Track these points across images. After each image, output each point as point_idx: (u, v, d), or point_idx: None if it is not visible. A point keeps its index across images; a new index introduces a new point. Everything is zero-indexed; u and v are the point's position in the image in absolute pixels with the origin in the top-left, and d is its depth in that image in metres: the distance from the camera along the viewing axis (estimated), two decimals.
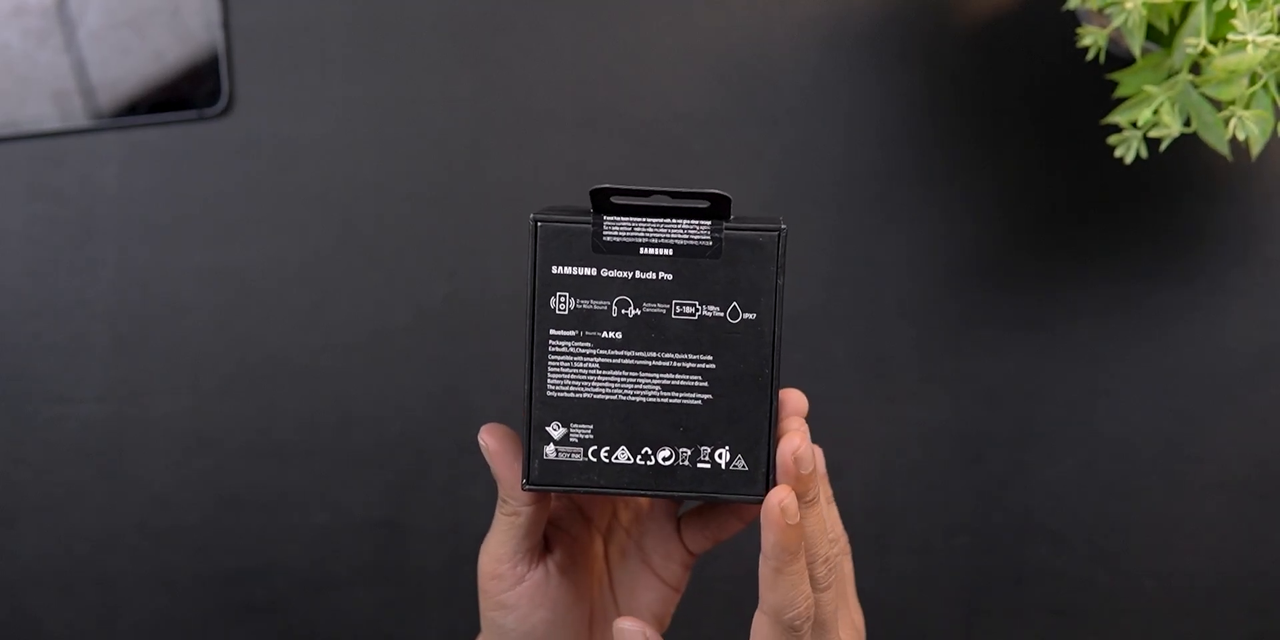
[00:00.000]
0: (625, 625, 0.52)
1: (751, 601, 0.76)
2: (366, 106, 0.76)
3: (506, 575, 0.54)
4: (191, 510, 0.76)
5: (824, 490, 0.54)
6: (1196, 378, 0.75)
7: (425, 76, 0.76)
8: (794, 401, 0.52)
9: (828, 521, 0.52)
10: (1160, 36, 0.63)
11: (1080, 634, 0.76)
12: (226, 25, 0.75)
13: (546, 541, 0.56)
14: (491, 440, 0.52)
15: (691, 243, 0.49)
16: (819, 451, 0.54)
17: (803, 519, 0.50)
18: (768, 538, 0.49)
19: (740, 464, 0.50)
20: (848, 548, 0.56)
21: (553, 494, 0.57)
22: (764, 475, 0.50)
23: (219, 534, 0.76)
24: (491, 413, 0.75)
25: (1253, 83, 0.59)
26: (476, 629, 0.58)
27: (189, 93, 0.76)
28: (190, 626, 0.76)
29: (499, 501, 0.54)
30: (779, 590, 0.49)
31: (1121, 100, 0.66)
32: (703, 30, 0.76)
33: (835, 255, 0.75)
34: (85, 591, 0.76)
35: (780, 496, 0.48)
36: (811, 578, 0.51)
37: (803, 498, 0.49)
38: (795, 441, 0.49)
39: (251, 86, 0.76)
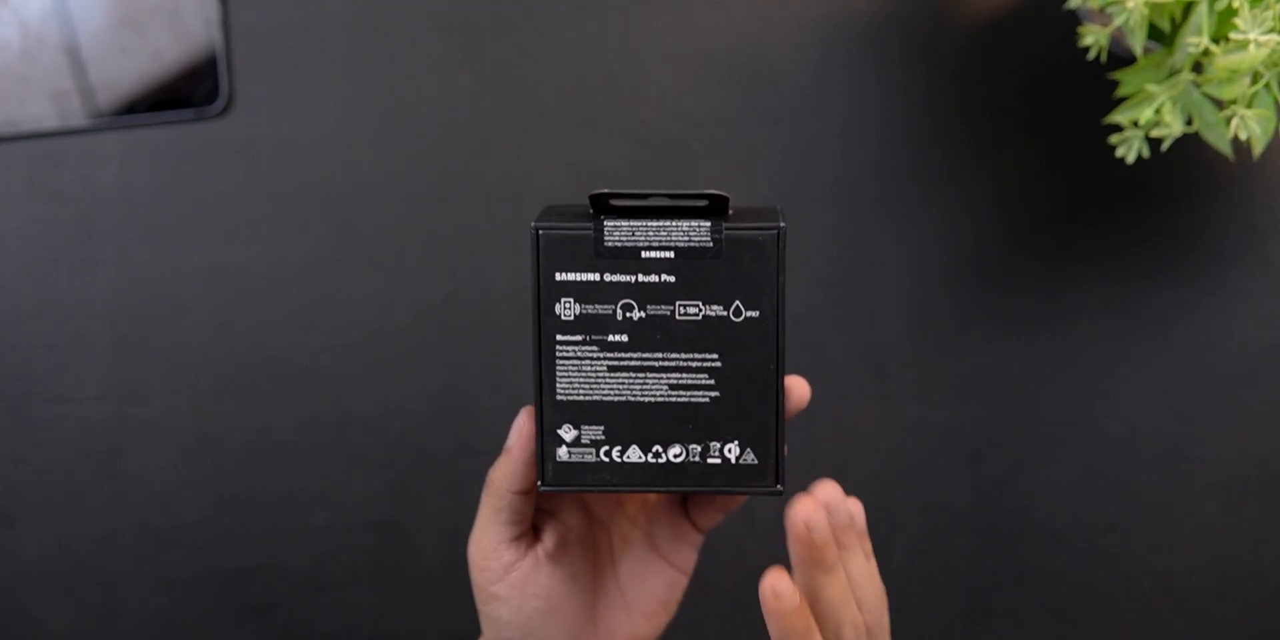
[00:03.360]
0: None
1: (752, 604, 0.76)
2: (366, 106, 0.76)
3: (494, 566, 0.54)
4: (191, 510, 0.76)
5: (863, 546, 0.53)
6: (1197, 378, 0.75)
7: (425, 76, 0.76)
8: (796, 392, 0.52)
9: (863, 582, 0.51)
10: (1162, 36, 0.63)
11: (1080, 634, 0.76)
12: (226, 25, 0.75)
13: (537, 530, 0.56)
14: (528, 423, 0.52)
15: (692, 244, 0.50)
16: (858, 507, 0.52)
17: (822, 589, 0.49)
18: (771, 624, 0.49)
19: (750, 458, 0.51)
20: (885, 618, 0.54)
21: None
22: (773, 468, 0.51)
23: (219, 534, 0.76)
24: (491, 413, 0.75)
25: (1255, 82, 0.59)
26: (477, 629, 0.58)
27: (188, 92, 0.75)
28: (190, 626, 0.76)
29: (485, 486, 0.54)
30: None
31: (1123, 99, 0.66)
32: (703, 30, 0.76)
33: (835, 255, 0.75)
34: (85, 591, 0.76)
35: (771, 581, 0.48)
36: None
37: (819, 565, 0.49)
38: (808, 507, 0.49)
39: (251, 86, 0.76)
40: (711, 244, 0.50)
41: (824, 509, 0.50)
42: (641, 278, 0.50)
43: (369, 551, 0.76)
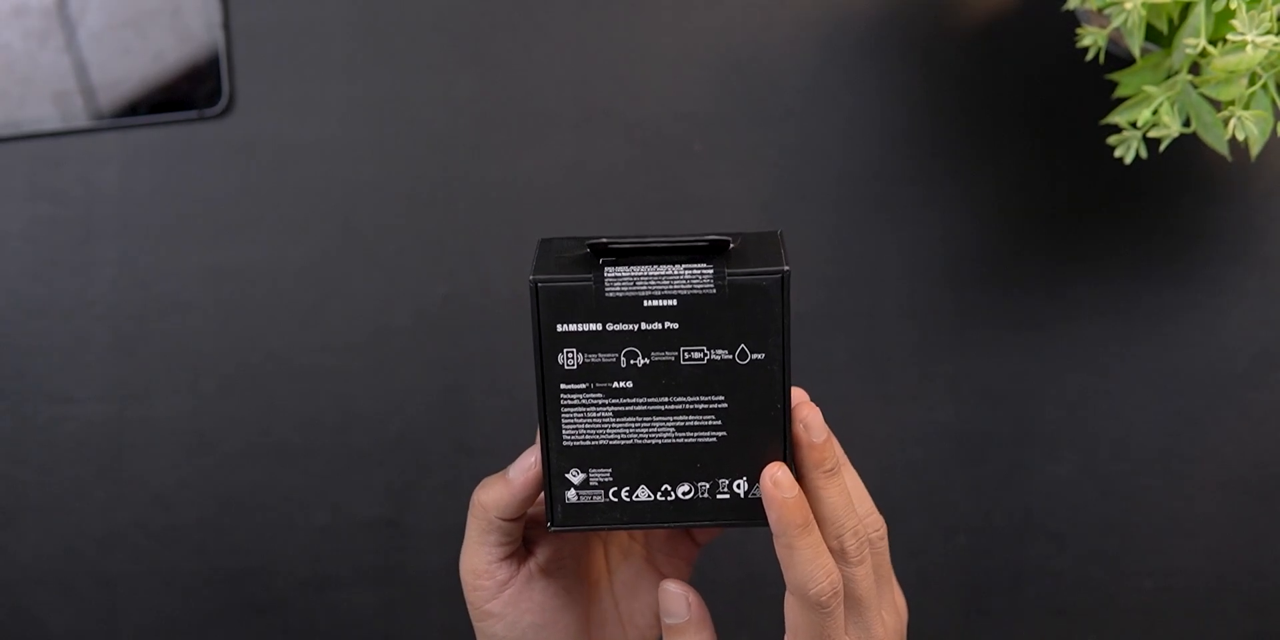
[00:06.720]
0: (671, 587, 0.53)
1: (751, 604, 0.76)
2: (366, 106, 0.76)
3: (486, 585, 0.54)
4: (191, 510, 0.76)
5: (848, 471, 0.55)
6: (1196, 378, 0.75)
7: (425, 76, 0.76)
8: (794, 396, 0.52)
9: (861, 497, 0.52)
10: (1159, 37, 0.63)
11: (1080, 634, 0.76)
12: (227, 25, 0.75)
13: (529, 544, 0.55)
14: (538, 462, 0.52)
15: (695, 292, 0.49)
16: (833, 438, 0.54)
17: (823, 490, 0.50)
18: (770, 515, 0.49)
19: (758, 492, 0.51)
20: (884, 531, 0.55)
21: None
22: None
23: (219, 534, 0.76)
24: (492, 413, 0.75)
25: (1252, 83, 0.59)
26: None
27: (189, 93, 0.76)
28: (190, 626, 0.76)
29: (471, 507, 0.53)
30: (796, 567, 0.49)
31: (1121, 100, 0.66)
32: (702, 30, 0.76)
33: (835, 255, 0.75)
34: (85, 591, 0.76)
35: (771, 471, 0.49)
36: (841, 551, 0.50)
37: (819, 467, 0.50)
38: (805, 411, 0.50)
39: (251, 86, 0.76)
40: (715, 290, 0.49)
41: (820, 413, 0.50)
42: (644, 326, 0.49)
43: (369, 551, 0.76)
